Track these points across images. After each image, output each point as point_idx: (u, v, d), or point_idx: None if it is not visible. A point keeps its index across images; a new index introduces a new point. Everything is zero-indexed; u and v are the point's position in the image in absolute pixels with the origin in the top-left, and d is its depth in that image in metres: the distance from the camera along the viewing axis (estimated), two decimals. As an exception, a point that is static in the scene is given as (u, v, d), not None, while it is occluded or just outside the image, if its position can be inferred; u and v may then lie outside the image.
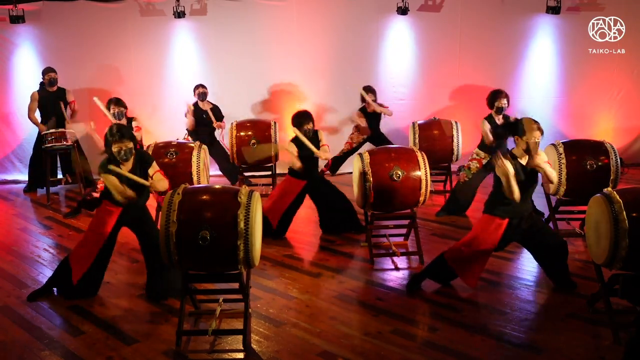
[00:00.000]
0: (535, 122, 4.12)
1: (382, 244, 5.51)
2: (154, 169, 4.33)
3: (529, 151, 4.10)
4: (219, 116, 7.64)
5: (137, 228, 4.44)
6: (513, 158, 4.11)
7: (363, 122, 7.53)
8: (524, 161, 4.13)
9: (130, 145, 4.16)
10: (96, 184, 6.57)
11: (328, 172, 7.89)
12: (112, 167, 4.11)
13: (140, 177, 4.25)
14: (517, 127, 4.14)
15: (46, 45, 8.16)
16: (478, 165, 6.17)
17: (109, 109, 6.33)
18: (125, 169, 4.19)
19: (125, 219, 4.37)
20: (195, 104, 7.54)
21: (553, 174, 4.23)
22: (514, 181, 3.99)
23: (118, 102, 6.35)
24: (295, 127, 5.56)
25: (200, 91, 7.53)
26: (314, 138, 5.61)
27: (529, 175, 4.13)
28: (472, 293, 4.36)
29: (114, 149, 4.12)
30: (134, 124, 6.34)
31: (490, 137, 5.93)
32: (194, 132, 7.46)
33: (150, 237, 4.30)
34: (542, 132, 4.12)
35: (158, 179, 4.28)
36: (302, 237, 5.86)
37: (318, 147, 5.59)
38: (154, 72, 8.41)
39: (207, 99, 7.65)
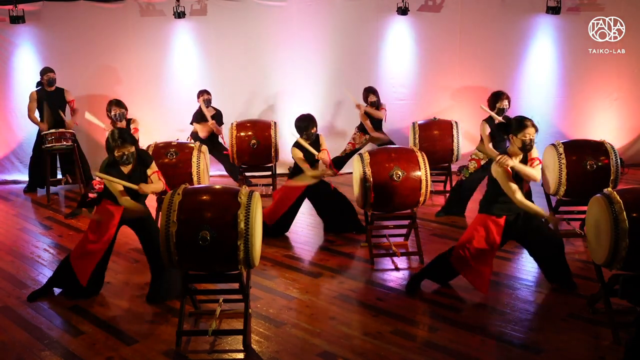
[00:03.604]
0: (529, 119, 4.12)
1: (382, 244, 5.51)
2: (152, 169, 4.34)
3: (524, 149, 4.10)
4: (220, 122, 7.60)
5: (138, 229, 4.43)
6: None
7: (368, 124, 7.50)
8: (517, 159, 4.13)
9: (132, 149, 4.18)
10: (92, 184, 6.56)
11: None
12: (100, 174, 4.14)
13: (141, 177, 4.26)
14: (510, 126, 4.15)
15: (46, 45, 8.16)
16: (476, 165, 6.17)
17: (109, 111, 6.29)
18: (126, 171, 4.22)
19: (126, 219, 4.37)
20: (200, 111, 7.46)
21: (530, 172, 4.11)
22: (510, 182, 4.00)
23: (118, 103, 6.31)
24: (299, 131, 5.55)
25: (205, 97, 7.47)
26: (315, 141, 5.61)
27: (517, 174, 4.13)
28: (472, 293, 4.35)
29: (116, 154, 4.14)
30: (132, 125, 6.32)
31: (490, 142, 5.92)
32: (204, 138, 7.36)
33: (153, 239, 4.28)
34: (536, 130, 4.11)
35: (154, 180, 4.32)
36: (302, 237, 5.85)
37: (318, 151, 5.58)
38: (153, 73, 8.41)
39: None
